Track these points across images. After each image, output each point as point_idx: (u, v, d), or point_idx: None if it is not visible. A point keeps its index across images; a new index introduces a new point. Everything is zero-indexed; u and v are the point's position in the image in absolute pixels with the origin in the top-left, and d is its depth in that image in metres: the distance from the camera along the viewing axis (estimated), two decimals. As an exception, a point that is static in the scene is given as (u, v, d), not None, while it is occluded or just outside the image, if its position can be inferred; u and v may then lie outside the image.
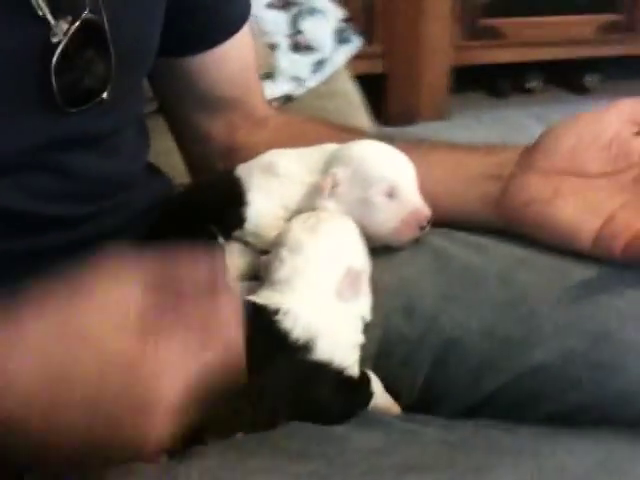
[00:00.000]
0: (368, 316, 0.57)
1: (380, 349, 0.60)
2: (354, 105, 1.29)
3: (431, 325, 0.60)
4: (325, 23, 1.37)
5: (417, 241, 0.63)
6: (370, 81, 2.09)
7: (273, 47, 1.31)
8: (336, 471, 0.47)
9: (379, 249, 0.62)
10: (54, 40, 0.48)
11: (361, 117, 1.28)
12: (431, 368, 0.60)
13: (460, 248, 0.63)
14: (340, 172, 0.60)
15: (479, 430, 0.54)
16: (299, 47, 1.32)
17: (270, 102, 1.21)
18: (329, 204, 0.60)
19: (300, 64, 1.29)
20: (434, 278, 0.62)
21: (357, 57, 1.88)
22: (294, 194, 0.62)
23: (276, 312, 0.52)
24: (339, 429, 0.53)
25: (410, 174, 0.61)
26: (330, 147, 0.63)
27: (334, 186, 0.60)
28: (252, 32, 1.24)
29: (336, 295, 0.54)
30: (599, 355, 0.55)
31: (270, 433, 0.51)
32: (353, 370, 0.55)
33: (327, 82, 1.31)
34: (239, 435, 0.51)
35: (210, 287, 0.41)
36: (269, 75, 1.26)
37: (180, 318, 0.40)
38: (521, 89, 2.39)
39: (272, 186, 0.62)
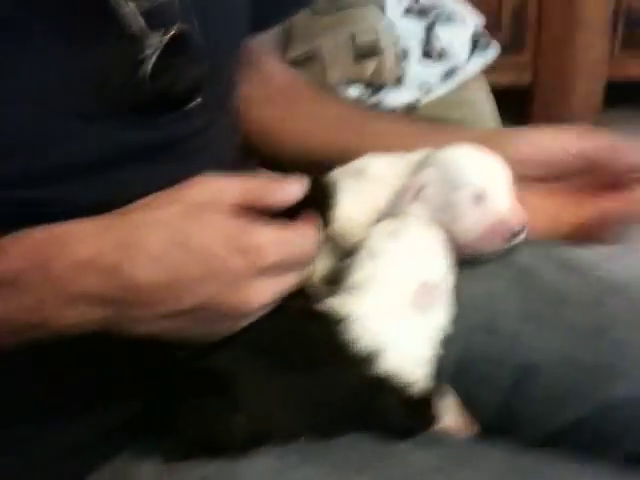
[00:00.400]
0: (445, 330, 0.54)
1: (459, 365, 0.59)
2: (483, 116, 1.25)
3: (511, 345, 0.58)
4: (462, 30, 1.34)
5: (507, 255, 0.60)
6: (517, 93, 2.02)
7: (405, 54, 1.29)
8: None
9: (467, 260, 0.60)
10: (148, 52, 0.49)
11: (489, 128, 1.24)
12: (508, 391, 0.58)
13: (551, 268, 0.61)
14: (428, 174, 0.58)
15: (547, 461, 0.51)
16: (431, 54, 1.30)
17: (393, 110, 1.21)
18: (415, 207, 0.58)
19: (430, 71, 1.27)
20: (519, 296, 0.60)
21: (503, 67, 1.83)
22: (383, 196, 0.61)
23: (341, 320, 0.51)
24: (402, 446, 0.51)
25: (503, 181, 0.58)
26: (423, 152, 0.62)
27: (420, 189, 0.58)
28: (385, 39, 1.24)
29: (410, 306, 0.53)
30: None
31: (333, 442, 0.51)
32: (423, 384, 0.52)
33: (457, 91, 1.28)
34: (301, 440, 0.51)
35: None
36: (398, 80, 1.25)
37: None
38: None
39: (361, 188, 0.61)
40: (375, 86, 1.25)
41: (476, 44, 1.34)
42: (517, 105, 2.09)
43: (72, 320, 0.44)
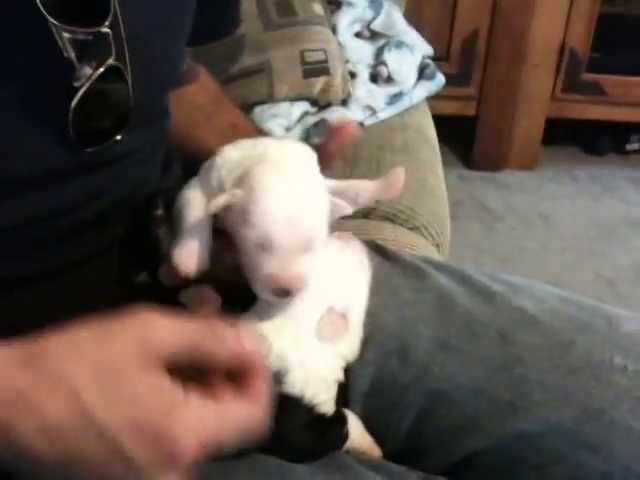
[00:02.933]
0: (350, 356, 0.54)
1: (372, 388, 0.59)
2: (426, 141, 1.27)
3: (422, 373, 0.58)
4: (410, 58, 1.37)
5: (424, 280, 0.61)
6: (462, 123, 2.08)
7: (353, 75, 1.31)
8: None
9: (383, 286, 0.60)
10: (76, 84, 0.48)
11: (432, 154, 1.26)
12: (417, 417, 0.58)
13: (468, 295, 0.61)
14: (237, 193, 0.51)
15: None
16: (379, 79, 1.32)
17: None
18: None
19: (376, 95, 1.29)
20: (434, 324, 0.60)
21: (451, 97, 1.88)
22: None
23: None
24: (301, 469, 0.51)
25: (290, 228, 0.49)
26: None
27: (226, 208, 0.50)
28: (335, 59, 1.26)
29: (315, 332, 0.53)
30: (586, 434, 0.52)
31: (233, 463, 0.49)
32: (327, 408, 0.53)
33: (402, 115, 1.30)
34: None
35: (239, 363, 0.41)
36: (344, 102, 1.27)
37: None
38: (620, 150, 2.30)
39: None
40: (322, 104, 1.26)
41: (423, 72, 1.37)
42: (460, 135, 2.15)
43: None
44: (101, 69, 0.48)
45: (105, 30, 0.47)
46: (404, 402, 0.58)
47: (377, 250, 0.69)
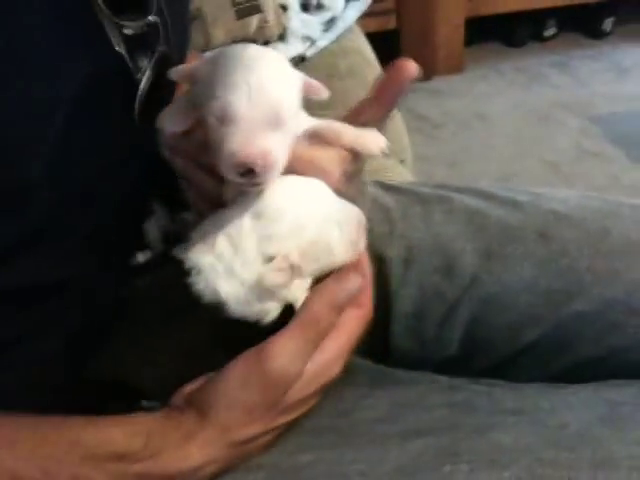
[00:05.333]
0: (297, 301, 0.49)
1: (416, 308, 0.61)
2: (368, 62, 1.28)
3: (470, 283, 0.60)
4: (335, -20, 1.36)
5: (449, 201, 0.62)
6: (383, 38, 2.08)
7: (284, 8, 1.30)
8: (345, 442, 0.49)
9: (409, 215, 0.61)
10: (137, 76, 0.49)
11: (376, 74, 1.28)
12: (469, 325, 0.60)
13: (497, 207, 0.63)
14: (201, 64, 0.49)
15: (483, 390, 0.54)
16: (309, 6, 1.31)
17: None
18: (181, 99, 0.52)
19: (311, 24, 1.28)
20: (472, 237, 0.62)
21: (369, 14, 1.87)
22: None
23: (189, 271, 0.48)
24: (349, 402, 0.53)
25: (258, 101, 0.46)
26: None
27: (192, 79, 0.49)
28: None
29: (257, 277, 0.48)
30: (638, 301, 0.56)
31: None
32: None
33: (339, 40, 1.31)
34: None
35: None
36: (281, 37, 1.26)
37: None
38: (538, 37, 2.36)
39: None
40: (259, 43, 1.25)
41: (350, -7, 1.37)
42: (385, 49, 2.16)
43: None
44: (155, 57, 0.49)
45: (154, 19, 0.48)
46: (454, 315, 0.60)
47: (388, 188, 0.69)
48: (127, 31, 0.47)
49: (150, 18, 0.49)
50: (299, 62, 1.24)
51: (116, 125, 0.48)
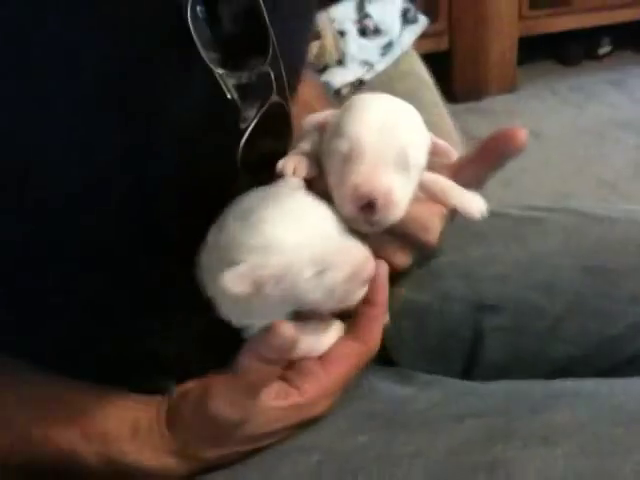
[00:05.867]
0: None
1: (514, 324, 0.60)
2: (425, 84, 1.31)
3: (575, 298, 0.60)
4: (391, 5, 1.39)
5: (543, 222, 0.62)
6: (436, 59, 2.10)
7: (342, 34, 1.34)
8: (397, 425, 0.50)
9: (500, 236, 0.61)
10: (242, 125, 0.47)
11: (433, 96, 1.30)
12: (574, 339, 0.60)
13: (594, 224, 0.63)
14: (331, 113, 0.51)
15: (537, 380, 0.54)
16: (367, 32, 1.35)
17: (340, 89, 1.25)
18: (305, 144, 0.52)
19: (369, 48, 1.32)
20: (570, 252, 0.61)
21: (422, 36, 1.89)
22: None
23: None
24: (407, 390, 0.54)
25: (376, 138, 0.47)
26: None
27: (321, 128, 0.50)
28: (322, 21, 1.28)
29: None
30: None
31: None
32: None
33: (396, 64, 1.34)
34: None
35: None
36: (340, 62, 1.30)
37: None
38: (593, 55, 2.34)
39: None
40: (319, 68, 1.29)
41: (406, 17, 1.39)
42: (438, 70, 2.18)
43: None
44: (265, 107, 0.48)
45: (266, 69, 0.47)
46: (558, 330, 0.60)
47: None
48: (238, 81, 0.45)
49: (263, 69, 0.47)
50: (358, 86, 1.27)
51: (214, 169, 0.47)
